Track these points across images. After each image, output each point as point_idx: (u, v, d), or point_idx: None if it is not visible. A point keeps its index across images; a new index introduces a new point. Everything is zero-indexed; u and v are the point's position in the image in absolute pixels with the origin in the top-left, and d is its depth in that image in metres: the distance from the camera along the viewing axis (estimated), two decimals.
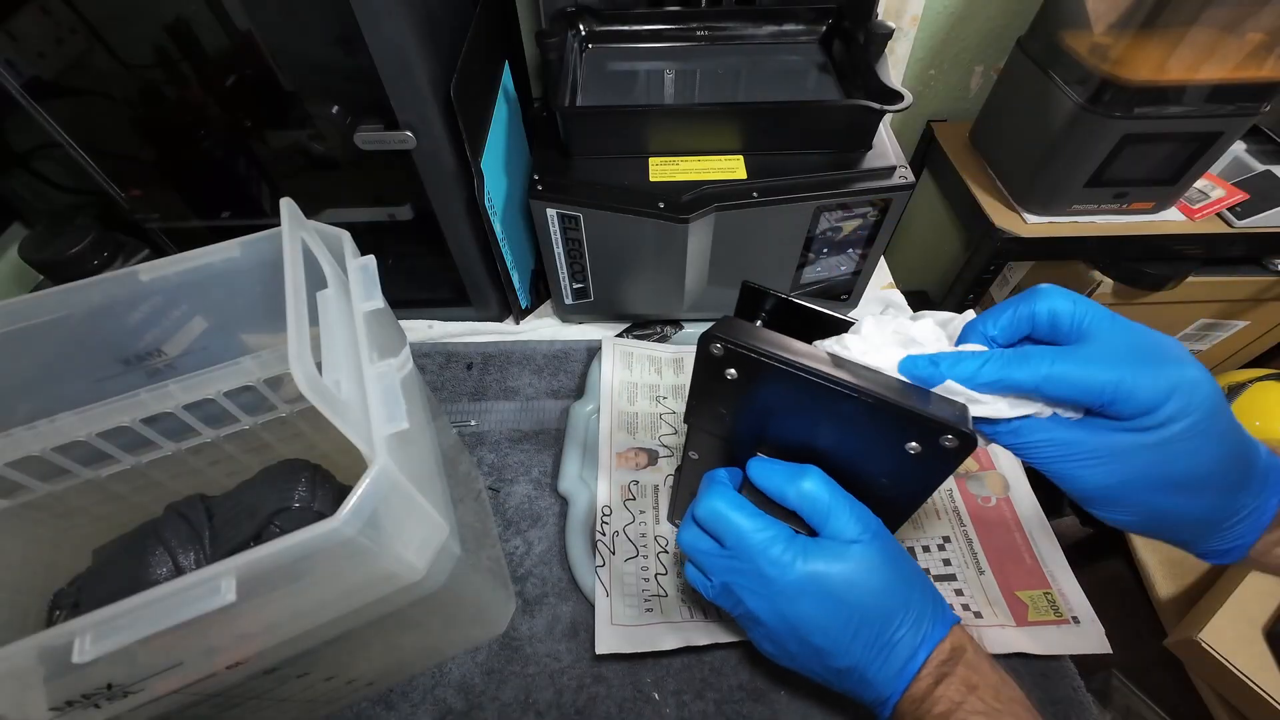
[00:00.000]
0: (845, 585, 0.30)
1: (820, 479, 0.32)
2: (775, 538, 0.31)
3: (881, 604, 0.30)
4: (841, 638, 0.30)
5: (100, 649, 0.20)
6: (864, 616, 0.30)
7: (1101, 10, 0.68)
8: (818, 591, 0.30)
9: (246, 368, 0.38)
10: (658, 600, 0.42)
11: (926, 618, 0.30)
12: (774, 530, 0.31)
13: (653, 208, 0.48)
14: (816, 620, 0.30)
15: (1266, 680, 0.36)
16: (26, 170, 0.51)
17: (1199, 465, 0.26)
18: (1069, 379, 0.26)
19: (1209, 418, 0.25)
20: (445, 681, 0.41)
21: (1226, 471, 0.26)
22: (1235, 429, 0.27)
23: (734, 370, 0.30)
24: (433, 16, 0.43)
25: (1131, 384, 0.25)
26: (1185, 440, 0.25)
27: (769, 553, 0.31)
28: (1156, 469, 0.26)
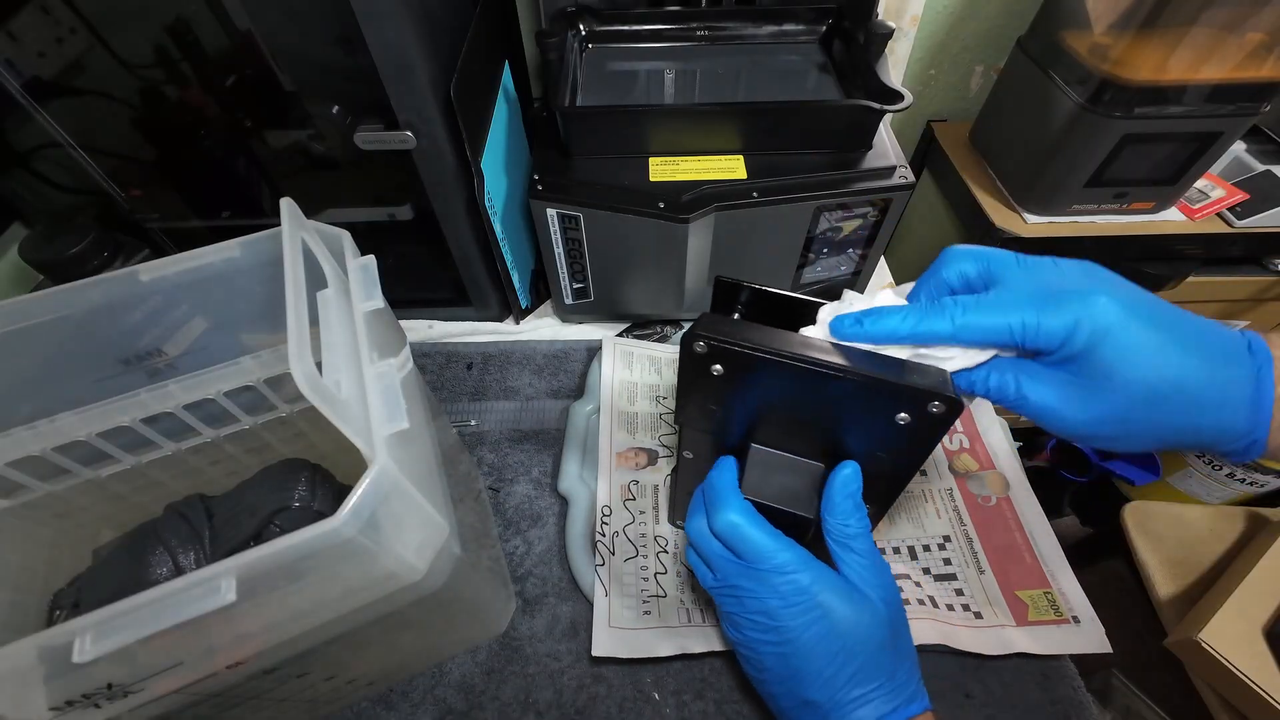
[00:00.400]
0: (850, 627, 0.30)
1: (864, 522, 0.32)
2: (797, 562, 0.31)
3: (873, 658, 0.30)
4: (824, 671, 0.30)
5: (100, 649, 0.20)
6: (854, 660, 0.30)
7: (1101, 10, 0.68)
8: (823, 622, 0.30)
9: (246, 368, 0.38)
10: (656, 601, 0.42)
11: (906, 691, 0.31)
12: (793, 554, 0.32)
13: (653, 208, 0.48)
14: (809, 647, 0.31)
15: (1266, 680, 0.36)
16: (26, 170, 0.51)
17: (1148, 377, 0.25)
18: (979, 325, 0.27)
19: (1127, 332, 0.25)
20: (445, 681, 0.41)
21: (1178, 371, 0.25)
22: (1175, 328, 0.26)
23: (720, 366, 0.30)
24: (433, 16, 0.43)
25: (1036, 322, 0.26)
26: (1118, 361, 0.25)
27: (791, 576, 0.31)
28: (1110, 394, 0.26)
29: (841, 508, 0.32)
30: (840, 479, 0.32)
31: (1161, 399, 0.25)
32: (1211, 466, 0.75)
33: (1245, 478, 0.59)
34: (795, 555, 0.32)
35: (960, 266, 0.30)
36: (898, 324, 0.28)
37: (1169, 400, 0.25)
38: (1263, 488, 0.78)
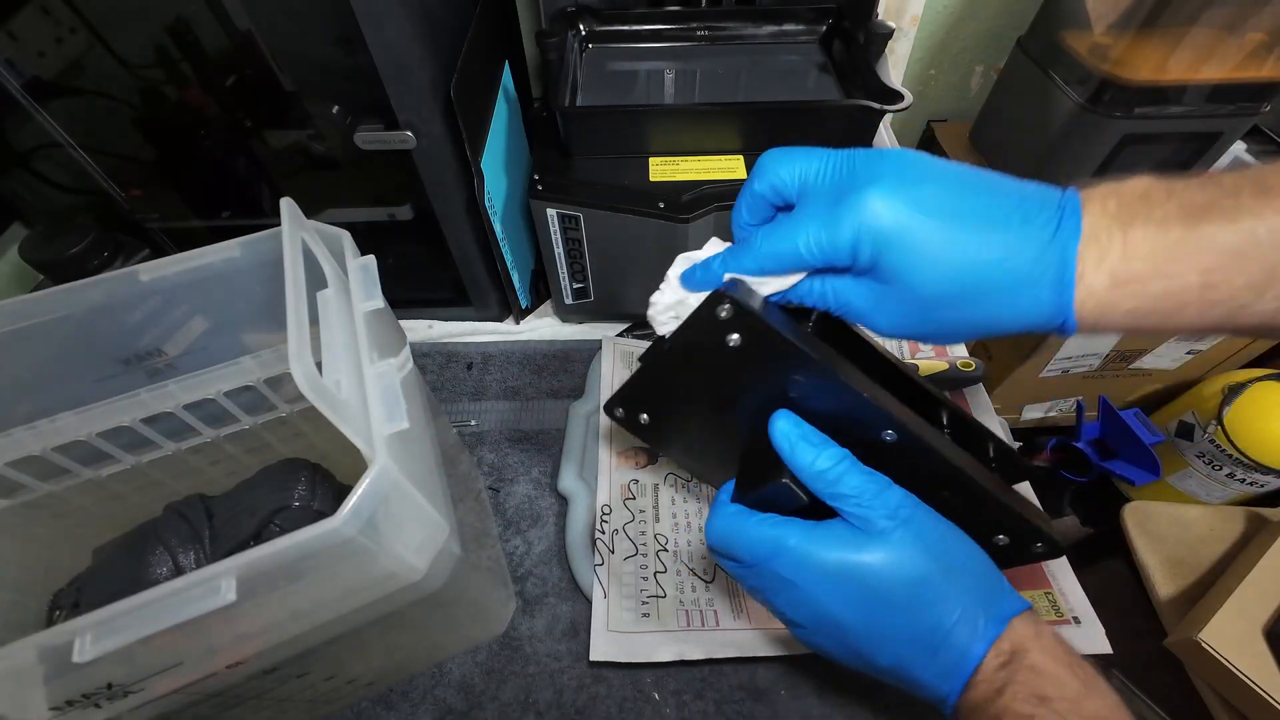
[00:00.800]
0: (870, 579, 0.27)
1: (834, 456, 0.28)
2: (782, 536, 0.28)
3: (916, 598, 0.26)
4: (876, 636, 0.27)
5: (100, 648, 0.20)
6: (897, 612, 0.27)
7: (1101, 10, 0.68)
8: (840, 588, 0.27)
9: (246, 367, 0.38)
10: (656, 602, 0.42)
11: (977, 612, 0.26)
12: (780, 529, 0.28)
13: (653, 208, 0.48)
14: (846, 619, 0.27)
15: (1266, 680, 0.36)
16: (26, 170, 0.51)
17: (938, 276, 0.24)
18: (777, 253, 0.25)
19: (908, 235, 0.23)
20: (445, 681, 0.41)
21: (975, 261, 0.23)
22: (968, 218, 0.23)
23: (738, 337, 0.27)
24: (433, 16, 0.43)
25: (820, 241, 0.24)
26: (904, 269, 0.24)
27: (780, 554, 0.28)
28: (907, 296, 0.24)
29: (800, 455, 0.28)
30: (778, 433, 0.29)
31: (956, 298, 0.24)
32: (1211, 466, 0.75)
33: (1245, 478, 0.59)
34: (781, 531, 0.28)
35: (772, 177, 0.27)
36: (717, 269, 0.28)
37: (965, 298, 0.24)
38: (1263, 488, 0.78)
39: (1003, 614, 0.26)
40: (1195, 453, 0.52)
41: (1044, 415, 1.14)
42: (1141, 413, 0.88)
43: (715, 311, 0.27)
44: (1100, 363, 0.98)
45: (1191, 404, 0.81)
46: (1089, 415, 0.97)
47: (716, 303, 0.27)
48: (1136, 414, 0.88)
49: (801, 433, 0.28)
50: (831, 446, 0.28)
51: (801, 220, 0.25)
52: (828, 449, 0.28)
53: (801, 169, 0.27)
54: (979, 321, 0.25)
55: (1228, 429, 0.49)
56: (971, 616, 0.26)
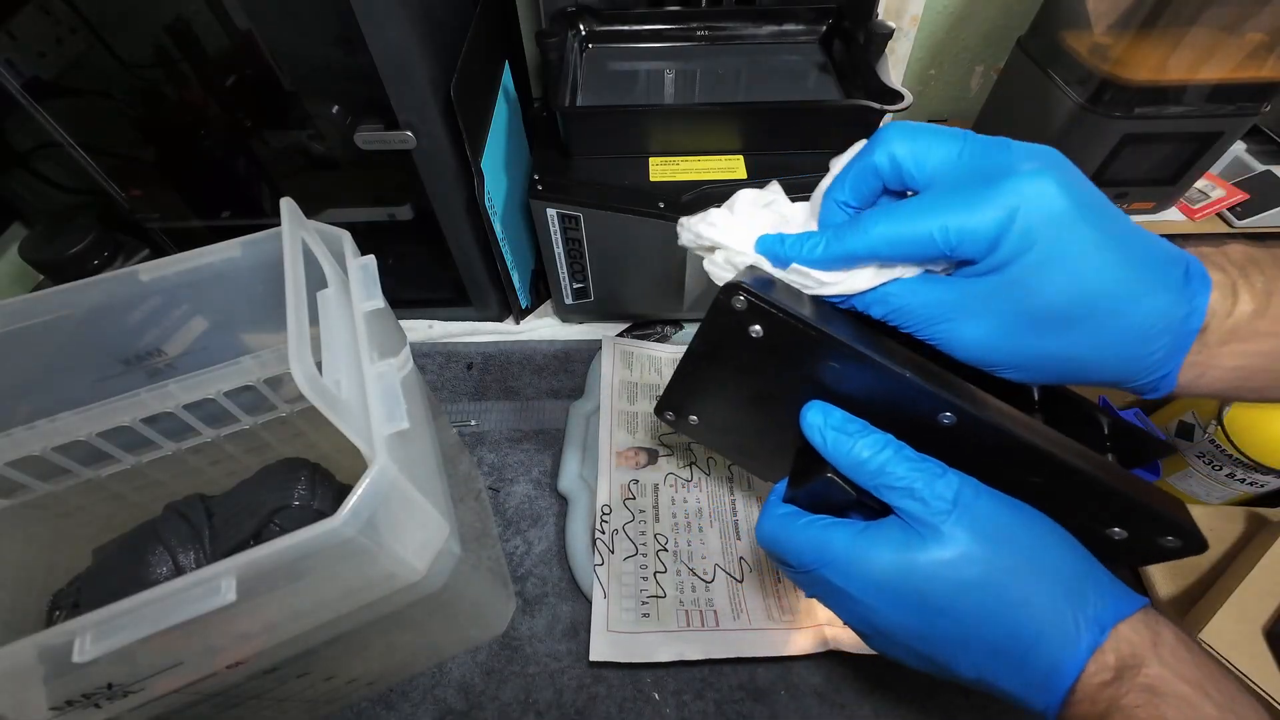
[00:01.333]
0: (928, 584, 0.23)
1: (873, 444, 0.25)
2: (828, 541, 0.25)
3: (985, 602, 0.23)
4: (948, 647, 0.24)
5: (100, 648, 0.20)
6: (965, 621, 0.23)
7: (1101, 10, 0.68)
8: (897, 596, 0.24)
9: (246, 367, 0.38)
10: (655, 603, 0.42)
11: (1065, 616, 0.22)
12: (826, 533, 0.26)
13: (653, 208, 0.48)
14: (911, 630, 0.24)
15: (1266, 680, 0.36)
16: (26, 170, 0.51)
17: (1073, 289, 0.21)
18: (899, 238, 0.22)
19: (1064, 231, 0.21)
20: (445, 681, 0.41)
21: (1116, 286, 0.21)
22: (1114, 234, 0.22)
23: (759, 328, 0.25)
24: (433, 16, 0.43)
25: (960, 226, 0.21)
26: (1044, 268, 0.21)
27: (828, 561, 0.25)
28: (1026, 307, 0.22)
29: (834, 446, 0.25)
30: (808, 425, 0.26)
31: (1076, 319, 0.21)
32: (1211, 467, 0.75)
33: (1245, 478, 0.59)
34: (827, 535, 0.26)
35: (893, 149, 0.24)
36: (812, 249, 0.24)
37: (1085, 319, 0.21)
38: (1263, 488, 0.77)
39: (1103, 618, 0.22)
40: (1195, 453, 0.52)
41: None
42: (1142, 413, 0.88)
43: (730, 303, 0.25)
44: None
45: (1191, 404, 0.80)
46: None
47: (731, 294, 0.25)
48: (1137, 414, 0.88)
49: (833, 422, 0.26)
50: (871, 434, 0.25)
51: (937, 201, 0.22)
52: (865, 436, 0.25)
53: (933, 147, 0.23)
54: (1078, 356, 0.22)
55: (1228, 429, 0.49)
56: (1058, 621, 0.22)
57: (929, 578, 0.23)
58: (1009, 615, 0.22)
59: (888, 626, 0.25)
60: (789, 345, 0.26)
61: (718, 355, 0.29)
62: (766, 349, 0.26)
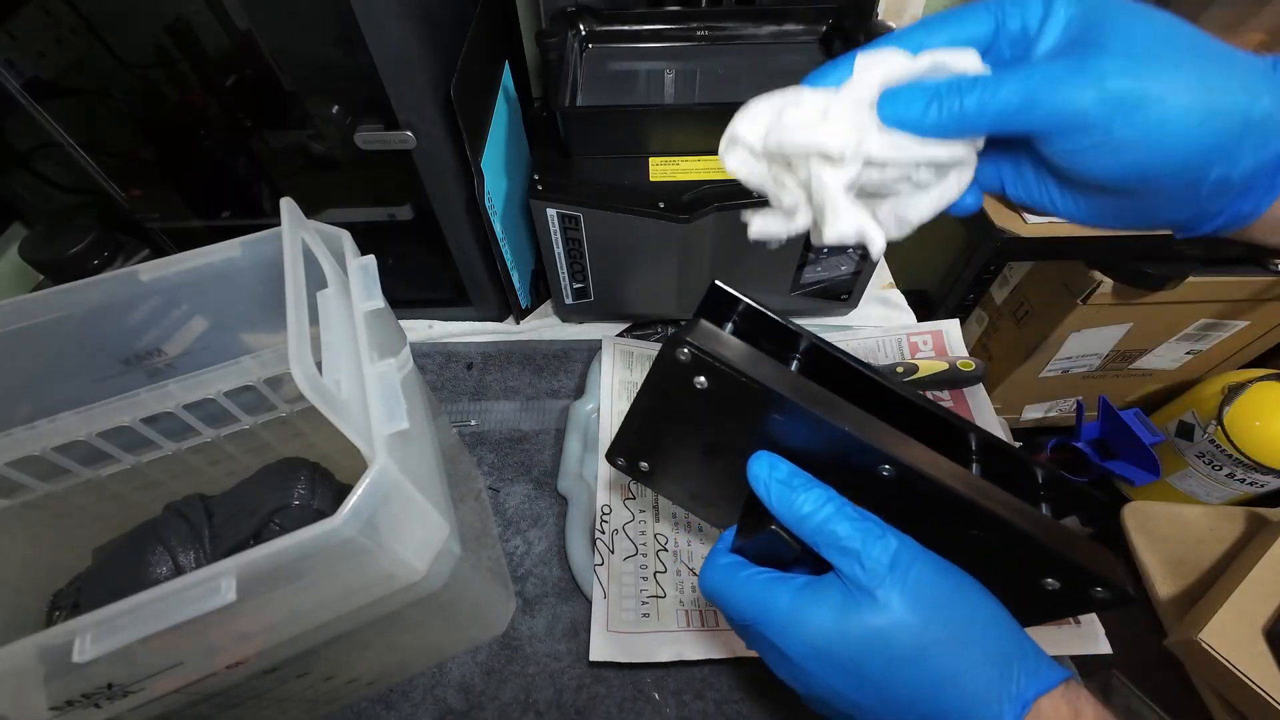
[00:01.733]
0: (861, 651, 0.23)
1: (816, 499, 0.25)
2: (770, 599, 0.25)
3: (915, 675, 0.23)
4: (879, 716, 0.24)
5: (100, 648, 0.20)
6: (896, 691, 0.23)
7: None
8: (831, 661, 0.24)
9: (246, 367, 0.38)
10: (655, 603, 0.42)
11: (991, 695, 0.22)
12: (768, 590, 0.25)
13: (653, 208, 0.48)
14: (845, 696, 0.24)
15: (1266, 680, 0.36)
16: (26, 170, 0.51)
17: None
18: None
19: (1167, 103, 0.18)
20: (445, 681, 0.41)
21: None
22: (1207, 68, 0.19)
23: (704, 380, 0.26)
24: (433, 16, 0.43)
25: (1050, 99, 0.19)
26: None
27: (767, 619, 0.25)
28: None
29: (778, 500, 0.25)
30: (753, 477, 0.26)
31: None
32: (1211, 467, 0.75)
33: (1245, 478, 0.59)
34: (767, 595, 0.25)
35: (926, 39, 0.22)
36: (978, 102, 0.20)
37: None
38: (1263, 488, 0.77)
39: (1025, 693, 0.22)
40: (1195, 453, 0.52)
41: (1044, 415, 1.14)
42: (1141, 413, 0.88)
43: (675, 355, 0.26)
44: (1100, 362, 0.98)
45: (1191, 404, 0.81)
46: (1089, 415, 0.97)
47: (675, 346, 0.26)
48: (1136, 414, 0.88)
49: (778, 475, 0.26)
50: (814, 489, 0.25)
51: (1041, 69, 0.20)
52: (809, 491, 0.25)
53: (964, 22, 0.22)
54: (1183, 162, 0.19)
55: (1227, 429, 0.49)
56: (985, 698, 0.22)
57: (863, 646, 0.23)
58: (938, 691, 0.22)
59: (823, 692, 0.25)
60: (734, 398, 0.26)
61: (665, 406, 0.29)
62: (712, 401, 0.27)
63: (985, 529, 0.25)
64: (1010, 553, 0.25)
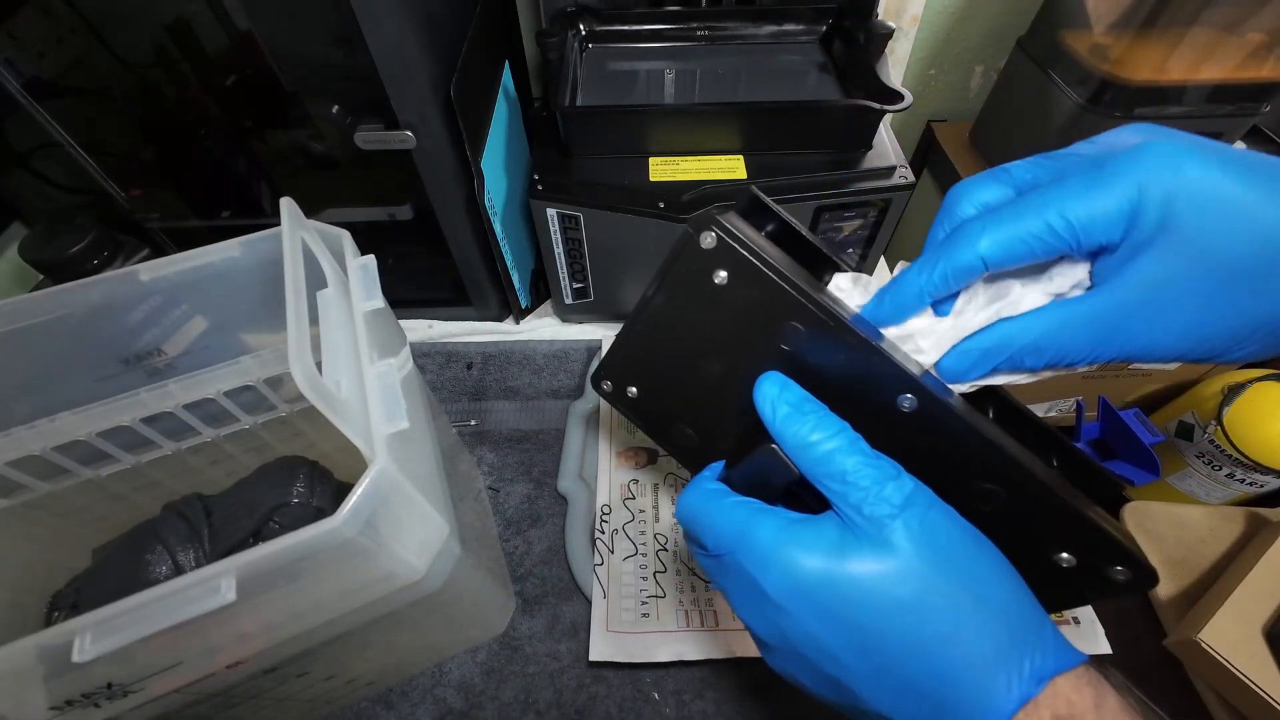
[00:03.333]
0: (858, 596, 0.20)
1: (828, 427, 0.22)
2: (755, 523, 0.23)
3: (918, 630, 0.20)
4: (860, 675, 0.21)
5: (100, 648, 0.20)
6: (890, 646, 0.20)
7: (1102, 10, 0.68)
8: (818, 603, 0.21)
9: (246, 367, 0.38)
10: (655, 603, 0.42)
11: (1002, 661, 0.19)
12: (755, 515, 0.23)
13: (653, 208, 0.48)
14: (824, 646, 0.21)
15: (1266, 680, 0.36)
16: (26, 170, 0.51)
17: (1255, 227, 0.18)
18: (1012, 237, 0.20)
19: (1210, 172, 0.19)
20: (445, 681, 0.41)
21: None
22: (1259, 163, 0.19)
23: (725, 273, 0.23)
24: (433, 16, 0.43)
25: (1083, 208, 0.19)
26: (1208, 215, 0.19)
27: (748, 545, 0.22)
28: (1216, 265, 0.19)
29: (785, 423, 0.23)
30: (760, 396, 0.24)
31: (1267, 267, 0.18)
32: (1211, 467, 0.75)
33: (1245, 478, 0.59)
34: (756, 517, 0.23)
35: (977, 197, 0.22)
36: (916, 278, 0.22)
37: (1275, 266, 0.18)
38: (1263, 488, 0.77)
39: (1042, 670, 0.19)
40: (1195, 453, 0.52)
41: (1044, 415, 1.14)
42: (1141, 413, 0.88)
43: (699, 241, 0.23)
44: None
45: (1191, 404, 0.80)
46: (1088, 415, 0.97)
47: (700, 228, 0.23)
48: (1136, 414, 0.87)
49: (789, 397, 0.23)
50: (827, 417, 0.23)
51: (1044, 193, 0.20)
52: (820, 417, 0.23)
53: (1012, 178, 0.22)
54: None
55: (1227, 429, 0.49)
56: (991, 665, 0.19)
57: (858, 587, 0.20)
58: (936, 650, 0.20)
59: (797, 637, 0.22)
60: (755, 301, 0.23)
61: (673, 306, 0.26)
62: (729, 301, 0.24)
63: (1005, 484, 0.22)
64: (1026, 516, 0.22)
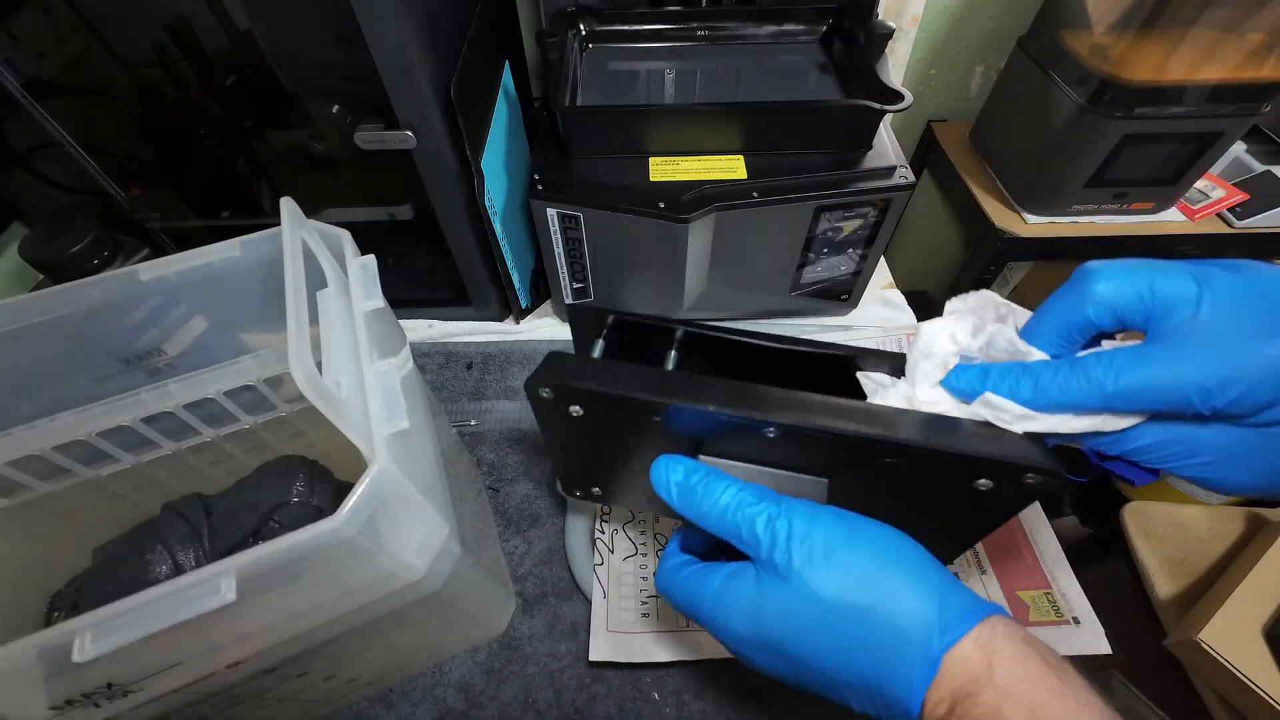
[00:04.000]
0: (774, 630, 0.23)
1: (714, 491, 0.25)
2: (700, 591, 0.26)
3: (827, 649, 0.22)
4: (814, 687, 0.24)
5: (100, 648, 0.20)
6: (815, 667, 0.23)
7: (1102, 10, 0.68)
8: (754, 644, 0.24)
9: (246, 367, 0.38)
10: (655, 602, 0.42)
11: (903, 655, 0.21)
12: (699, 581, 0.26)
13: (653, 208, 0.48)
14: (778, 671, 0.25)
15: (1266, 680, 0.36)
16: (27, 170, 0.51)
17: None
18: (1145, 390, 0.20)
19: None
20: (445, 681, 0.41)
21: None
22: None
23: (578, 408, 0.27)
24: (433, 16, 0.43)
25: (1229, 382, 0.19)
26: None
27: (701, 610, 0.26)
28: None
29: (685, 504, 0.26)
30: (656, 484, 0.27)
31: None
32: None
33: None
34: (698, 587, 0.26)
35: (1110, 298, 0.21)
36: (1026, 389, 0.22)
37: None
38: None
39: (932, 651, 0.21)
40: None
41: None
42: None
43: (540, 395, 0.27)
44: None
45: None
46: None
47: (535, 387, 0.26)
48: None
49: (675, 478, 0.26)
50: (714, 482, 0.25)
51: (1187, 355, 0.20)
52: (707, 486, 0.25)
53: (1156, 288, 0.21)
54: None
55: None
56: (895, 659, 0.21)
57: (777, 623, 0.23)
58: (849, 658, 0.22)
59: (769, 672, 0.25)
60: (612, 413, 0.27)
61: (565, 437, 0.30)
62: (596, 422, 0.28)
63: (895, 455, 0.24)
64: (934, 469, 0.24)
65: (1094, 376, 0.21)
